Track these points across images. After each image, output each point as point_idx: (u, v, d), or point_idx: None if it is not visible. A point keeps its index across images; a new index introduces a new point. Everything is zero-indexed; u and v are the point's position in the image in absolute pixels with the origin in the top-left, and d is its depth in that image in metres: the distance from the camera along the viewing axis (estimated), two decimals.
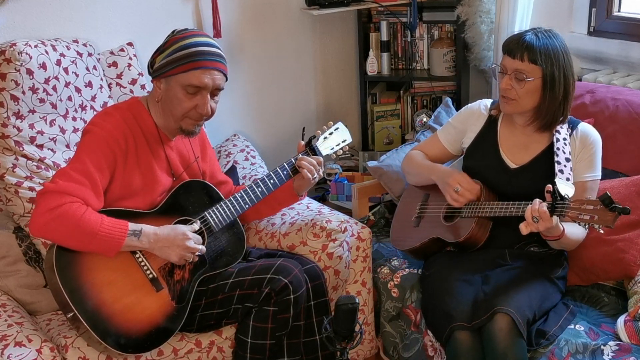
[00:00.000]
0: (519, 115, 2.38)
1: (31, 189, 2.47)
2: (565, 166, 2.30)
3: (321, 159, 2.44)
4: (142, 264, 2.22)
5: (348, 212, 3.11)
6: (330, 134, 2.52)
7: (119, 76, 2.83)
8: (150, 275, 2.23)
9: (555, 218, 2.09)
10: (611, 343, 2.14)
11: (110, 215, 2.15)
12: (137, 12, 2.98)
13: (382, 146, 3.75)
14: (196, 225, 2.28)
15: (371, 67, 3.60)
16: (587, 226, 2.04)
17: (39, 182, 2.49)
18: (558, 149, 2.32)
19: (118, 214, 2.18)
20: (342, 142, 2.55)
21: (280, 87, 3.60)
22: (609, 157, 2.71)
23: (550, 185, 2.10)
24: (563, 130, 2.36)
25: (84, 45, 2.74)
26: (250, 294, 2.28)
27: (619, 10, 3.16)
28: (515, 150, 2.43)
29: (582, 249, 2.44)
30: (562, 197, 2.06)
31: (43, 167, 2.51)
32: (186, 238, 2.20)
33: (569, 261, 2.47)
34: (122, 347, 2.13)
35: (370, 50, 3.61)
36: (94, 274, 2.15)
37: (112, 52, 2.85)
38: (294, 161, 2.42)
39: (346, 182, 3.45)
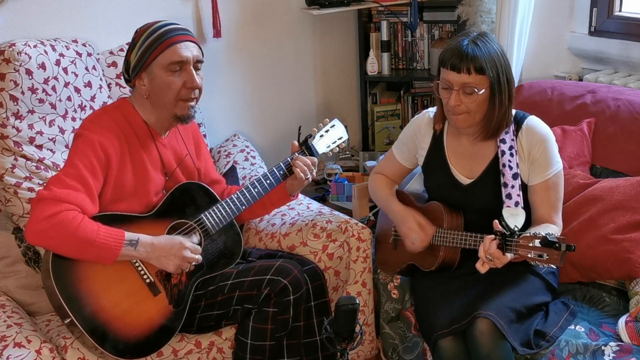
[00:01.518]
0: (467, 128, 2.28)
1: (30, 189, 2.47)
2: (513, 187, 2.23)
3: (315, 159, 2.42)
4: (139, 268, 2.21)
5: (348, 212, 3.10)
6: (327, 131, 2.50)
7: (119, 76, 2.82)
8: (148, 280, 2.22)
9: (510, 254, 2.04)
10: (612, 344, 2.13)
11: (107, 220, 2.14)
12: (136, 12, 2.98)
13: (383, 146, 3.74)
14: (195, 239, 2.28)
15: (371, 67, 3.60)
16: (540, 264, 1.97)
17: (38, 183, 2.48)
18: (504, 165, 2.24)
19: (114, 219, 2.17)
20: (339, 139, 2.53)
21: (280, 87, 3.60)
22: (610, 157, 2.72)
23: (496, 222, 2.04)
24: (508, 136, 2.26)
25: (84, 45, 2.74)
26: (250, 295, 2.28)
27: (620, 10, 3.15)
28: (465, 162, 2.36)
29: (585, 247, 2.43)
30: (512, 233, 2.01)
31: (42, 167, 2.50)
32: (183, 248, 2.20)
33: (570, 258, 2.44)
34: (120, 353, 2.13)
35: (371, 50, 3.61)
36: (90, 279, 2.14)
37: (111, 52, 2.85)
38: (289, 161, 2.41)
39: (346, 182, 3.44)
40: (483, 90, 2.17)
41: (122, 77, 2.80)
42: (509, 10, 3.08)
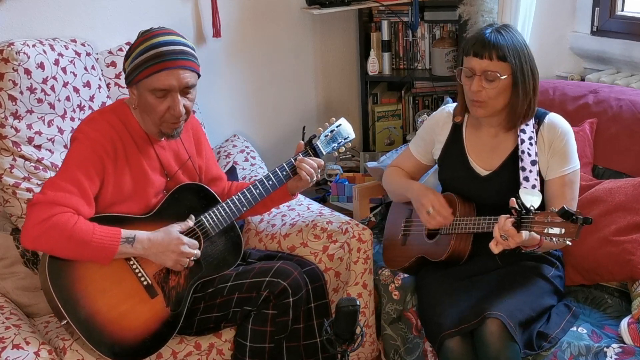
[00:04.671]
0: (489, 118, 2.32)
1: (29, 190, 2.46)
2: (530, 171, 2.25)
3: (322, 161, 2.41)
4: (137, 270, 2.20)
5: (349, 213, 3.09)
6: (332, 131, 2.49)
7: (118, 76, 2.81)
8: (145, 282, 2.21)
9: (525, 232, 2.04)
10: (614, 345, 2.11)
11: (104, 221, 2.13)
12: (135, 12, 2.97)
13: (383, 147, 3.73)
14: (190, 222, 2.26)
15: (372, 67, 3.59)
16: (555, 240, 1.97)
17: (37, 183, 2.47)
18: (523, 152, 2.27)
19: (112, 220, 2.16)
20: (345, 139, 2.52)
21: (280, 87, 3.59)
22: (612, 158, 2.71)
23: (513, 199, 2.05)
24: (528, 128, 2.30)
25: (82, 44, 2.73)
26: (249, 297, 2.26)
27: (622, 10, 3.14)
28: (484, 155, 2.38)
29: (586, 249, 2.42)
30: (527, 210, 2.02)
31: (41, 167, 2.49)
32: (180, 243, 2.19)
33: (572, 260, 2.45)
34: (116, 356, 2.12)
35: (371, 49, 3.60)
36: (87, 282, 2.13)
37: (110, 52, 2.84)
38: (293, 162, 2.39)
39: (347, 183, 3.43)
40: (505, 77, 2.20)
41: (121, 77, 2.81)
42: (510, 9, 3.07)
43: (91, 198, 2.14)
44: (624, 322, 2.19)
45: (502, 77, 2.20)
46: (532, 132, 2.30)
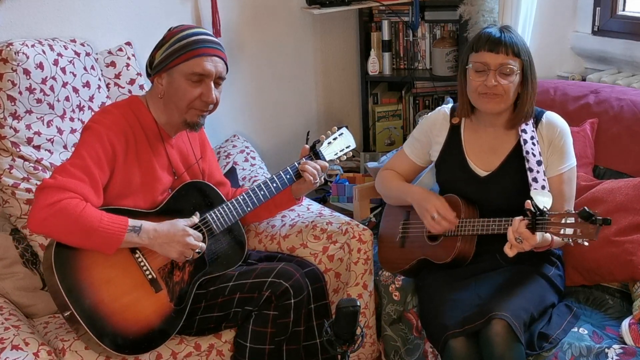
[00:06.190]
0: (495, 116, 2.33)
1: (28, 190, 2.46)
2: (538, 172, 2.25)
3: (326, 164, 2.43)
4: (142, 264, 2.20)
5: (349, 213, 3.09)
6: (335, 139, 2.51)
7: (117, 76, 2.81)
8: (150, 276, 2.21)
9: (539, 234, 2.05)
10: (615, 346, 2.11)
11: (110, 213, 2.13)
12: (135, 12, 2.97)
13: (384, 147, 3.73)
14: (195, 218, 2.26)
15: (372, 67, 3.58)
16: (571, 241, 1.97)
17: (36, 184, 2.47)
18: (527, 152, 2.27)
19: (118, 213, 2.16)
20: (346, 147, 2.54)
21: (280, 87, 3.58)
22: (613, 158, 2.70)
23: (528, 202, 2.06)
24: (529, 127, 2.31)
25: (82, 44, 2.72)
26: (251, 297, 2.26)
27: (623, 10, 3.14)
28: (483, 155, 2.38)
29: (587, 250, 2.40)
30: (542, 212, 2.02)
31: (40, 168, 2.49)
32: (186, 234, 2.19)
33: (573, 261, 2.45)
34: (118, 348, 2.12)
35: (372, 49, 3.60)
36: (92, 272, 2.13)
37: (110, 52, 2.83)
38: (297, 165, 2.40)
39: (347, 183, 3.43)
40: (519, 72, 2.24)
41: (121, 77, 2.81)
42: (511, 9, 3.06)
43: (100, 188, 2.15)
44: (625, 323, 2.19)
45: (518, 72, 2.23)
46: (533, 131, 2.31)
